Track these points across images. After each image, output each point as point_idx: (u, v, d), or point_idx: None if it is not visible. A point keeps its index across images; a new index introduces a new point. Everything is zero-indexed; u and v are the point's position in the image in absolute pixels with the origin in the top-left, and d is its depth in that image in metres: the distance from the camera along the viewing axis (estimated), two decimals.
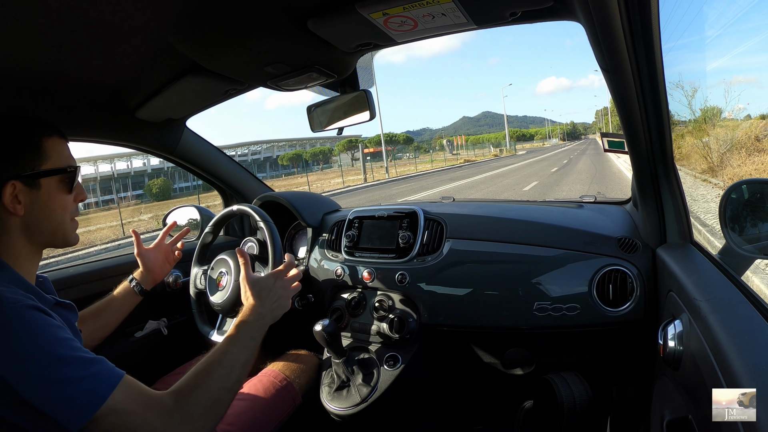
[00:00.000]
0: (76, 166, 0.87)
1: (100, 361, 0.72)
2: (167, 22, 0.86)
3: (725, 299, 0.72)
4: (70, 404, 0.67)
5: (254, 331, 0.96)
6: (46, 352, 0.68)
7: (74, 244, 0.89)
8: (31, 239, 0.82)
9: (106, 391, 0.69)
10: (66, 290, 1.33)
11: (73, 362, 0.69)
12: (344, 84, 1.29)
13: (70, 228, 0.87)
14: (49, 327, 0.70)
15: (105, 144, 1.48)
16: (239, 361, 0.89)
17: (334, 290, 1.45)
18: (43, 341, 0.68)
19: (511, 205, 1.60)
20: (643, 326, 1.08)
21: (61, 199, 0.84)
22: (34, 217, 0.81)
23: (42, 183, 0.81)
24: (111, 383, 0.71)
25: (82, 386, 0.68)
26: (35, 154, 0.81)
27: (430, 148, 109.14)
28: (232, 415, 1.10)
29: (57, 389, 0.67)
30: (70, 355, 0.69)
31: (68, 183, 0.85)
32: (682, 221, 1.05)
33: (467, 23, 0.88)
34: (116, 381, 0.71)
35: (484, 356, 1.29)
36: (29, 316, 0.69)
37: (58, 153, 0.84)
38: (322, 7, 0.84)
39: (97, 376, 0.70)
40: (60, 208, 0.84)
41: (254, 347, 0.94)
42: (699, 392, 0.62)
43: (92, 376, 0.70)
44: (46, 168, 0.82)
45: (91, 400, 0.68)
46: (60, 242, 0.86)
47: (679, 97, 10.69)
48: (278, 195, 1.65)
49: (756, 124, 9.69)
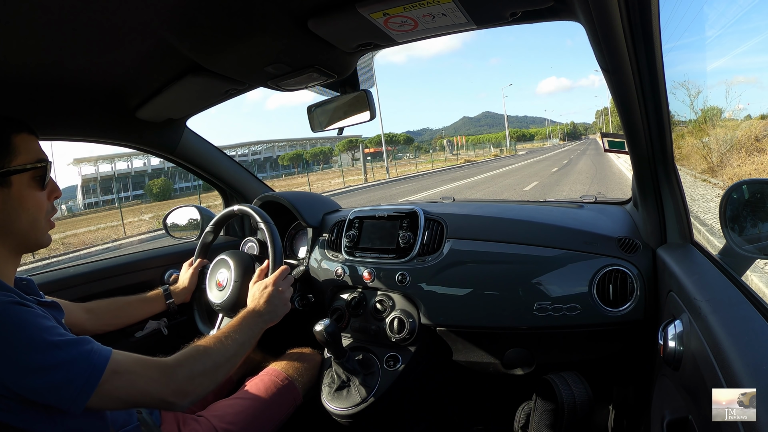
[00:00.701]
0: (47, 160, 0.84)
1: (88, 340, 0.75)
2: (168, 22, 0.86)
3: (725, 299, 0.72)
4: (70, 385, 0.69)
5: (253, 321, 1.05)
6: (36, 342, 0.69)
7: (46, 245, 0.87)
8: (5, 240, 0.80)
9: (101, 363, 0.73)
10: (65, 291, 1.33)
11: (63, 345, 0.71)
12: (344, 84, 1.29)
13: (43, 228, 0.85)
14: (33, 318, 0.71)
15: (105, 144, 1.49)
16: (237, 341, 0.96)
17: (335, 290, 1.45)
18: (31, 332, 0.69)
19: (511, 205, 1.60)
20: (644, 326, 1.08)
21: (34, 197, 0.82)
22: (7, 217, 0.79)
23: (13, 180, 0.79)
24: (104, 355, 0.74)
25: (78, 365, 0.70)
26: (5, 151, 0.78)
27: (431, 149, 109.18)
28: (233, 414, 1.11)
29: (54, 374, 0.68)
30: (59, 339, 0.71)
31: (40, 179, 0.82)
32: (682, 221, 1.05)
33: (467, 23, 0.88)
34: (108, 353, 0.75)
35: (484, 356, 1.29)
36: (11, 311, 0.70)
37: (27, 149, 0.81)
38: (323, 7, 0.84)
39: (90, 353, 0.73)
40: (33, 207, 0.82)
41: (252, 335, 1.03)
42: (699, 392, 0.62)
43: (86, 354, 0.72)
44: (16, 165, 0.79)
45: (90, 376, 0.71)
46: (33, 243, 0.84)
47: (683, 97, 10.67)
48: (278, 195, 1.65)
49: (756, 125, 9.68)
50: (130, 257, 1.60)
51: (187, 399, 0.83)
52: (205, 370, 0.87)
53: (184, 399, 0.83)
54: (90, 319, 1.17)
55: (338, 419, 1.22)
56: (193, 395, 0.84)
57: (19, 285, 0.83)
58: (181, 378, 0.83)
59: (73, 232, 17.77)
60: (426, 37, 0.98)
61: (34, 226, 0.82)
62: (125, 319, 1.28)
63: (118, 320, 1.25)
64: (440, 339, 1.31)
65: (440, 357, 1.33)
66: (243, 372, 1.37)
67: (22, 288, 0.83)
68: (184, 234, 1.79)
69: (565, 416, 1.10)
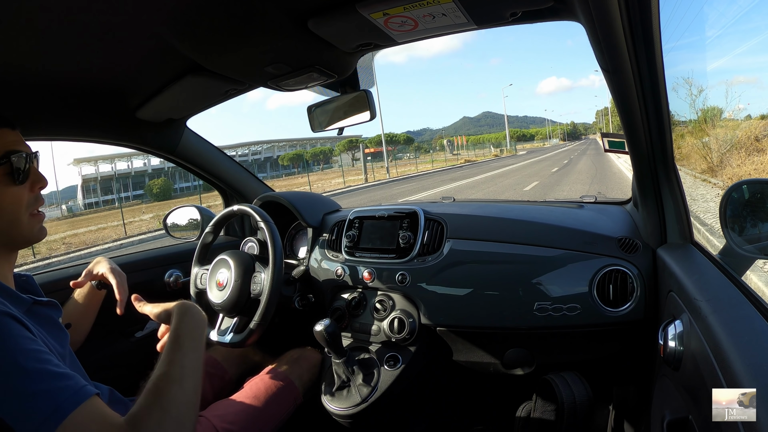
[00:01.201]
0: (21, 152, 0.78)
1: (70, 376, 0.66)
2: (168, 22, 0.86)
3: (726, 299, 0.72)
4: (31, 418, 0.61)
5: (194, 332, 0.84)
6: (9, 363, 0.62)
7: (39, 240, 0.82)
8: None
9: (68, 408, 0.62)
10: (65, 291, 1.33)
11: (37, 375, 0.63)
12: (345, 84, 1.29)
13: (28, 223, 0.80)
14: (16, 337, 0.65)
15: (106, 144, 1.49)
16: (186, 368, 0.76)
17: (335, 290, 1.45)
18: (7, 352, 0.63)
19: (511, 205, 1.60)
20: (644, 326, 1.08)
21: (9, 193, 0.76)
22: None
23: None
24: (76, 400, 0.63)
25: (43, 401, 0.62)
26: None
27: (431, 149, 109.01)
28: (233, 414, 1.11)
29: (17, 402, 0.61)
30: (36, 367, 0.64)
31: (14, 174, 0.76)
32: (682, 221, 1.05)
33: (467, 23, 0.88)
34: (82, 399, 0.64)
35: (485, 356, 1.29)
36: None
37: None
38: (323, 8, 0.84)
39: (62, 391, 0.64)
40: (10, 203, 0.76)
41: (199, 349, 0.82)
42: (699, 392, 0.62)
43: (57, 391, 0.63)
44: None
45: (51, 416, 0.61)
46: (19, 240, 0.79)
47: (684, 95, 10.62)
48: (278, 195, 1.65)
49: (756, 125, 9.67)
50: (131, 257, 1.60)
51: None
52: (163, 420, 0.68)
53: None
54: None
55: (338, 419, 1.22)
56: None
57: (18, 282, 0.82)
58: None
59: (74, 232, 17.77)
60: (426, 37, 0.98)
61: (14, 224, 0.77)
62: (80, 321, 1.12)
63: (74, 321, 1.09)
64: (440, 339, 1.31)
65: (440, 357, 1.33)
66: (243, 372, 1.37)
67: (21, 285, 0.81)
68: (184, 234, 1.79)
69: (566, 416, 1.10)
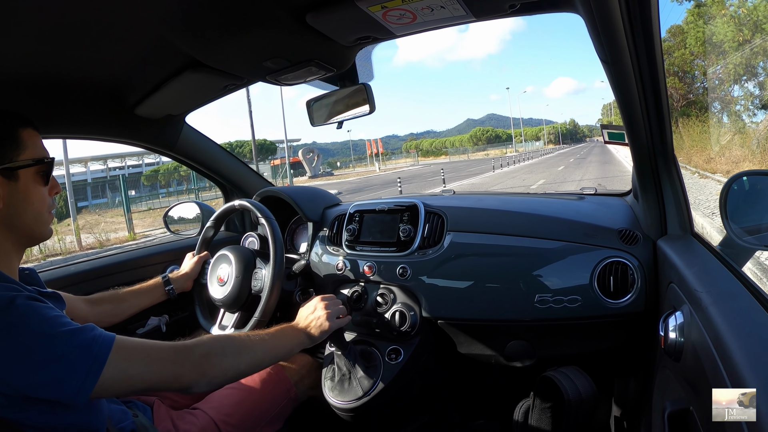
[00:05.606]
0: (51, 157, 0.86)
1: (91, 328, 0.75)
2: (165, 18, 0.85)
3: (726, 290, 0.72)
4: (72, 376, 0.69)
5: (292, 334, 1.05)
6: (39, 335, 0.69)
7: (48, 238, 0.89)
8: (10, 233, 0.81)
9: (104, 350, 0.72)
10: (68, 288, 1.34)
11: (66, 335, 0.71)
12: (343, 78, 1.29)
13: (46, 221, 0.87)
14: (36, 311, 0.71)
15: (104, 141, 1.48)
16: (265, 341, 0.97)
17: (336, 284, 1.46)
18: (35, 326, 0.70)
19: (511, 197, 1.60)
20: (644, 318, 1.08)
21: (38, 192, 0.83)
22: (13, 211, 0.80)
23: (20, 175, 0.80)
24: (107, 341, 0.73)
25: (80, 354, 0.70)
26: (13, 145, 0.80)
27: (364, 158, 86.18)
28: (229, 405, 1.12)
29: (57, 366, 0.68)
30: (61, 330, 0.71)
31: (45, 175, 0.84)
32: (682, 212, 1.05)
33: (466, 16, 0.88)
34: (111, 338, 0.74)
35: (486, 349, 1.29)
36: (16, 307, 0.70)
37: (34, 144, 0.83)
38: (321, 1, 0.83)
39: (93, 340, 0.72)
40: (38, 201, 0.83)
41: (282, 345, 1.01)
42: (700, 383, 0.62)
43: (89, 341, 0.72)
44: (23, 159, 0.81)
45: (93, 364, 0.70)
46: (37, 236, 0.85)
47: None
48: (279, 190, 1.65)
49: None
50: (132, 254, 1.60)
51: (204, 378, 0.83)
52: (224, 352, 0.87)
53: (200, 378, 0.82)
54: (92, 311, 1.17)
55: (340, 413, 1.22)
56: (210, 375, 0.83)
57: (21, 275, 0.84)
58: (197, 355, 0.83)
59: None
60: (425, 30, 0.97)
61: (37, 220, 0.84)
62: (126, 309, 1.26)
63: (119, 310, 1.24)
64: (441, 332, 1.31)
65: (442, 350, 1.34)
66: None
67: (24, 278, 0.84)
68: (184, 229, 1.80)
69: (573, 412, 1.09)
